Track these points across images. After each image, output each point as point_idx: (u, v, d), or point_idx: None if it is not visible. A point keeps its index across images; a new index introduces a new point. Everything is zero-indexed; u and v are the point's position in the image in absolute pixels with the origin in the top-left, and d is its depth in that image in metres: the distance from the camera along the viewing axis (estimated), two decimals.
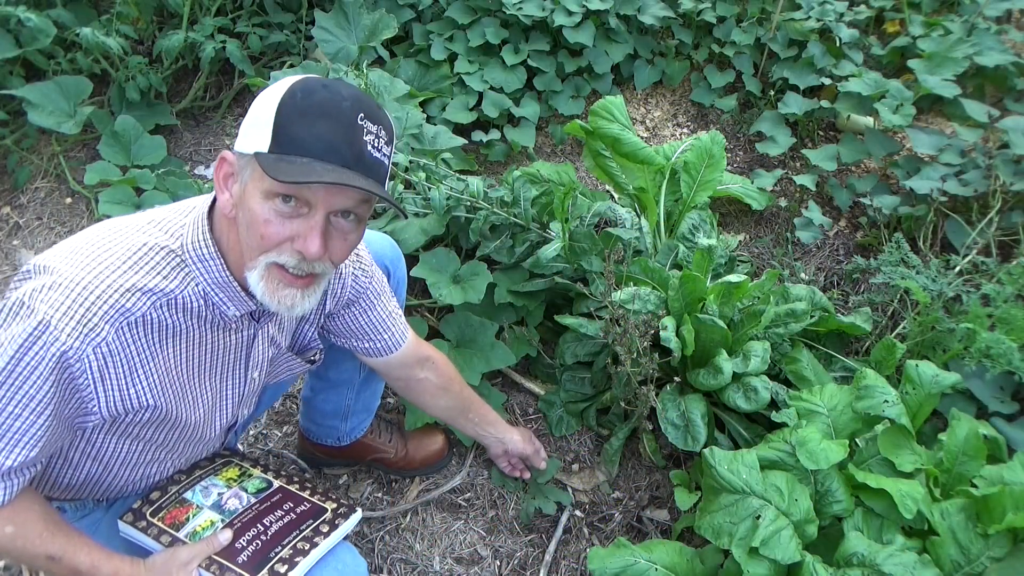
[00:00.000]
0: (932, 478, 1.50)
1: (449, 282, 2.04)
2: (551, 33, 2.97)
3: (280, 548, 1.25)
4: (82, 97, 2.66)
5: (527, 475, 1.95)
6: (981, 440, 1.52)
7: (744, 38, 3.01)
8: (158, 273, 1.12)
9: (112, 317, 1.07)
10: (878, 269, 2.18)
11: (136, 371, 1.12)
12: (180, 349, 1.18)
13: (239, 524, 1.29)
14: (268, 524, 1.30)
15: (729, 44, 3.05)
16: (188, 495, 1.34)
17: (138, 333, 1.11)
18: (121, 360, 1.10)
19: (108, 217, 2.30)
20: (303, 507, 1.35)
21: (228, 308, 1.18)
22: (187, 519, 1.30)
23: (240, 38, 2.98)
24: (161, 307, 1.12)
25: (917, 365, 1.61)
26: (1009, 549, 1.35)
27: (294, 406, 2.18)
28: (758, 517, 1.39)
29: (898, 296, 2.14)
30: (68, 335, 1.03)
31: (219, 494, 1.35)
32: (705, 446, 1.70)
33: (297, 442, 2.01)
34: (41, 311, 1.03)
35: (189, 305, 1.15)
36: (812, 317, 1.94)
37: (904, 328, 2.07)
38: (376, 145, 1.07)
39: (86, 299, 1.05)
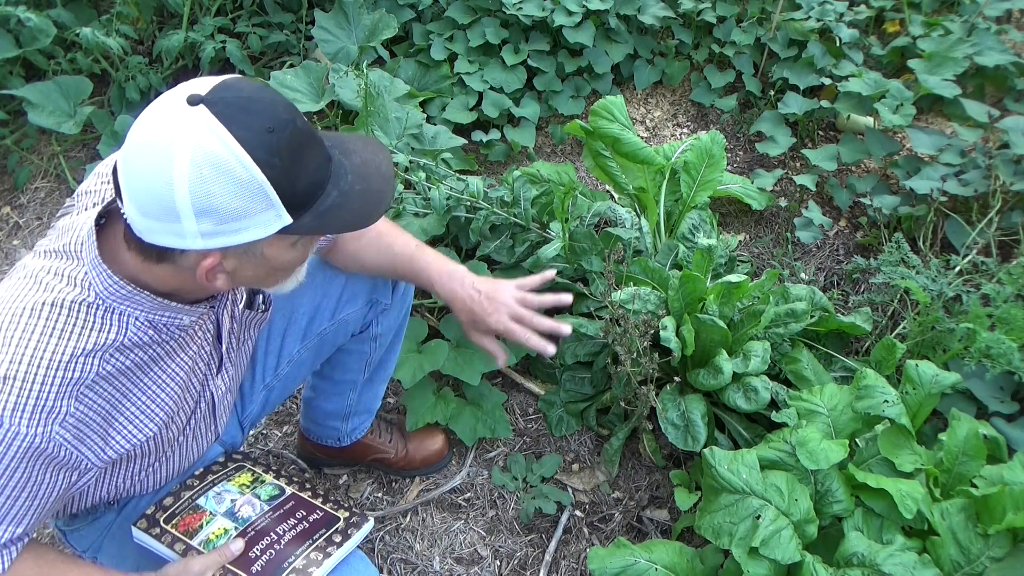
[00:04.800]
0: (932, 478, 1.50)
1: None
2: (551, 33, 2.97)
3: (294, 558, 1.24)
4: (82, 97, 2.65)
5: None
6: (981, 440, 1.51)
7: (744, 38, 3.00)
8: (91, 329, 1.05)
9: (66, 391, 1.02)
10: (878, 269, 2.17)
11: (114, 420, 1.10)
12: (153, 373, 1.15)
13: (252, 532, 1.28)
14: (281, 533, 1.29)
15: (729, 44, 3.05)
16: (201, 501, 1.33)
17: (101, 389, 1.07)
18: (94, 419, 1.07)
19: None
20: (316, 515, 1.34)
21: (181, 319, 1.13)
22: (200, 526, 1.29)
23: (240, 38, 2.97)
24: (113, 357, 1.07)
25: (917, 365, 1.61)
26: (1009, 549, 1.35)
27: (294, 406, 2.18)
28: (758, 517, 1.39)
29: (898, 296, 2.14)
30: (27, 426, 0.99)
31: (232, 500, 1.34)
32: (705, 446, 1.70)
33: (297, 442, 2.01)
34: None
35: (141, 339, 1.10)
36: (812, 317, 1.94)
37: (904, 328, 2.07)
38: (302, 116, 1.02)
39: (30, 388, 1.00)
